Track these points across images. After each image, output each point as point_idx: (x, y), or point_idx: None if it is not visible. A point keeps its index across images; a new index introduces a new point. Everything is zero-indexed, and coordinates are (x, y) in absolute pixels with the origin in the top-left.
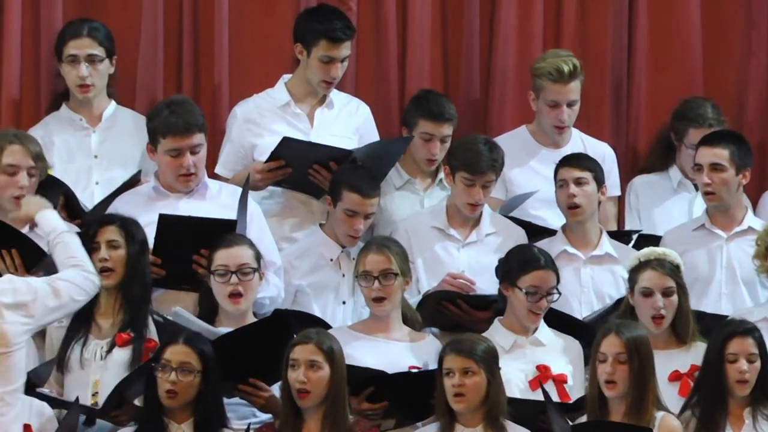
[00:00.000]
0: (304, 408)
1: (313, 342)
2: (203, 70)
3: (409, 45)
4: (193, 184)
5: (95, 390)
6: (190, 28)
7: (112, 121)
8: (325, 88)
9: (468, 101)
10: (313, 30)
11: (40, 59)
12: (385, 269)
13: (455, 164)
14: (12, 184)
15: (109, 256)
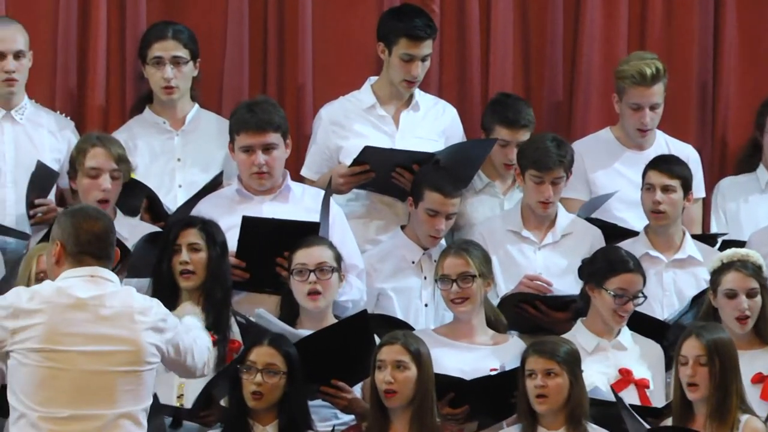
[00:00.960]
0: (391, 409)
1: (399, 343)
2: (288, 72)
3: (492, 47)
4: (267, 183)
5: (180, 392)
6: (274, 30)
7: (195, 123)
8: (406, 87)
9: (551, 103)
10: (394, 28)
11: (125, 63)
12: (463, 272)
13: (524, 163)
14: (95, 186)
15: (191, 258)
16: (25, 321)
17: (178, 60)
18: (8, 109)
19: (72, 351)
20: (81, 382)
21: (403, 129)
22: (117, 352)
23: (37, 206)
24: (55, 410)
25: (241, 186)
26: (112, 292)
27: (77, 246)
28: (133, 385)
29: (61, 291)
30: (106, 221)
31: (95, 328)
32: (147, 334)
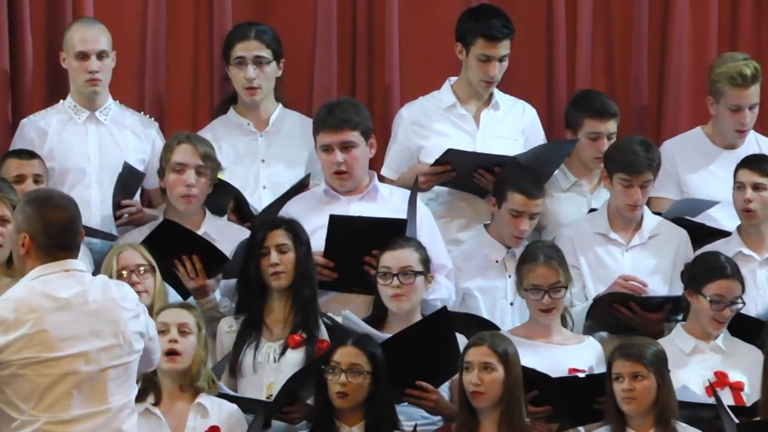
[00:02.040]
0: (479, 409)
1: (486, 344)
2: (377, 72)
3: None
4: (347, 183)
5: (269, 393)
6: (364, 30)
7: (279, 124)
8: (485, 87)
9: (636, 104)
10: (471, 29)
11: (212, 64)
12: (555, 283)
13: (612, 166)
14: (180, 182)
15: (280, 260)
16: (15, 333)
17: (261, 60)
18: (92, 110)
19: (68, 355)
20: (81, 383)
21: (484, 128)
22: (109, 346)
23: (124, 207)
24: (61, 413)
25: (328, 186)
26: (90, 285)
27: (47, 239)
28: (126, 375)
29: (44, 294)
30: (72, 208)
31: (85, 326)
32: (132, 323)
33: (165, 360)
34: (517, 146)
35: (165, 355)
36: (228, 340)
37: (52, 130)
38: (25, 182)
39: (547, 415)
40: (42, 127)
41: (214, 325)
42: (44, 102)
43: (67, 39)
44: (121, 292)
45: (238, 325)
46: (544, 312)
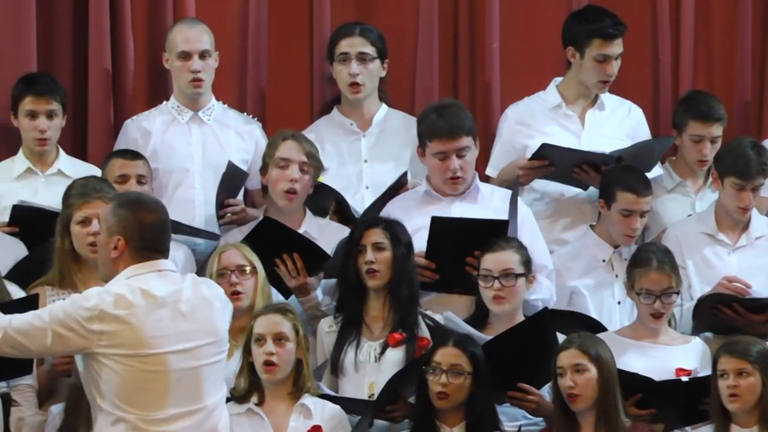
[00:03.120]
0: (577, 411)
1: (575, 346)
2: (478, 72)
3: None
4: (461, 187)
5: (371, 392)
6: (465, 31)
7: (383, 124)
8: (601, 87)
9: (739, 101)
10: (584, 31)
11: (312, 65)
12: (667, 288)
13: (723, 170)
14: (284, 177)
15: (375, 258)
16: (112, 326)
17: (365, 56)
18: (196, 110)
19: (163, 353)
20: (176, 382)
21: (589, 128)
22: (203, 345)
23: (227, 206)
24: (156, 412)
25: (430, 187)
26: (184, 285)
27: (141, 241)
28: (218, 373)
29: (141, 292)
30: (162, 211)
31: (180, 325)
32: (223, 320)
33: (263, 371)
34: (622, 147)
35: (262, 365)
36: (328, 339)
37: (155, 130)
38: (128, 182)
39: (652, 416)
40: (145, 127)
41: (315, 323)
42: (145, 103)
43: (169, 39)
44: (211, 291)
45: (338, 325)
46: (654, 316)
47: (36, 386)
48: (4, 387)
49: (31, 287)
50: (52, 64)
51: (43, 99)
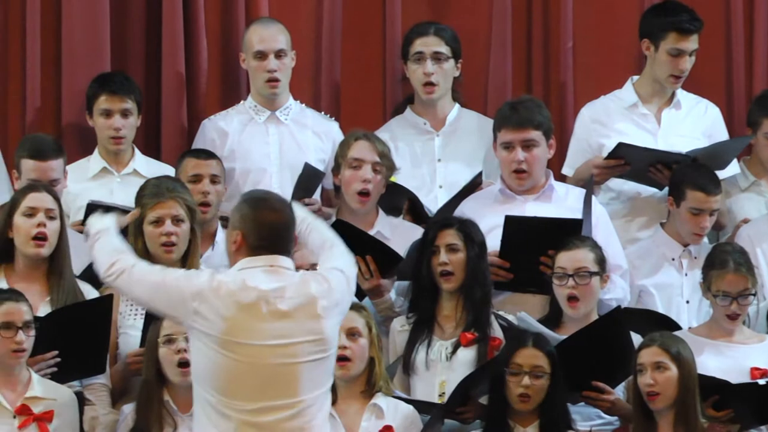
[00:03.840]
0: (656, 410)
1: (656, 344)
2: (552, 72)
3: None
4: (526, 182)
5: (442, 391)
6: (539, 30)
7: (456, 124)
8: (673, 83)
9: None
10: (660, 23)
11: (385, 64)
12: (744, 290)
13: None
14: (357, 178)
15: (449, 259)
16: (208, 310)
17: (439, 56)
18: (273, 109)
19: (256, 345)
20: (266, 376)
21: (665, 127)
22: (301, 343)
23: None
24: (242, 403)
25: (504, 186)
26: (291, 282)
27: (257, 239)
28: (319, 372)
29: (244, 284)
30: (287, 213)
31: (278, 321)
32: (331, 319)
33: (336, 367)
34: (699, 146)
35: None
36: (400, 339)
37: (232, 130)
38: (201, 182)
39: (730, 418)
40: (223, 127)
41: (389, 324)
42: (219, 104)
43: (245, 39)
44: (321, 288)
45: (410, 324)
46: (730, 318)
47: (109, 385)
48: (77, 386)
49: (104, 287)
50: (125, 64)
51: (117, 97)
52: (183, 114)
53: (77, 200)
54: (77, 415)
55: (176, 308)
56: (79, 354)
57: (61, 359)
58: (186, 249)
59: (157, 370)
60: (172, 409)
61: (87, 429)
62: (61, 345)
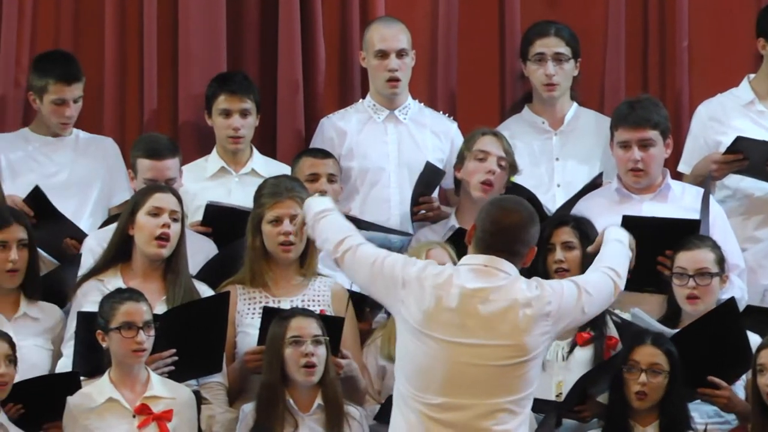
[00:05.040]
0: None
1: None
2: (668, 71)
3: None
4: (642, 181)
5: (559, 391)
6: (655, 30)
7: (574, 123)
8: None
9: None
10: None
11: (504, 62)
12: None
13: None
14: (481, 169)
15: (564, 257)
16: (411, 297)
17: (560, 57)
18: (392, 108)
19: (448, 341)
20: (455, 373)
21: None
22: (497, 346)
23: (423, 204)
24: (428, 396)
25: (621, 185)
26: (499, 285)
27: (482, 233)
28: (511, 377)
29: (449, 280)
30: (522, 215)
31: (475, 321)
32: (533, 327)
33: None
34: None
35: None
36: None
37: (351, 129)
38: (318, 181)
39: None
40: (341, 126)
41: None
42: (336, 104)
43: (366, 38)
44: (529, 295)
45: None
46: None
47: (226, 384)
48: (194, 385)
49: (221, 286)
50: (240, 64)
51: (236, 97)
52: (299, 113)
53: (195, 200)
54: (195, 414)
55: (388, 294)
56: (195, 353)
57: (178, 358)
58: (304, 249)
59: (280, 370)
60: (293, 408)
61: (204, 428)
62: (178, 344)
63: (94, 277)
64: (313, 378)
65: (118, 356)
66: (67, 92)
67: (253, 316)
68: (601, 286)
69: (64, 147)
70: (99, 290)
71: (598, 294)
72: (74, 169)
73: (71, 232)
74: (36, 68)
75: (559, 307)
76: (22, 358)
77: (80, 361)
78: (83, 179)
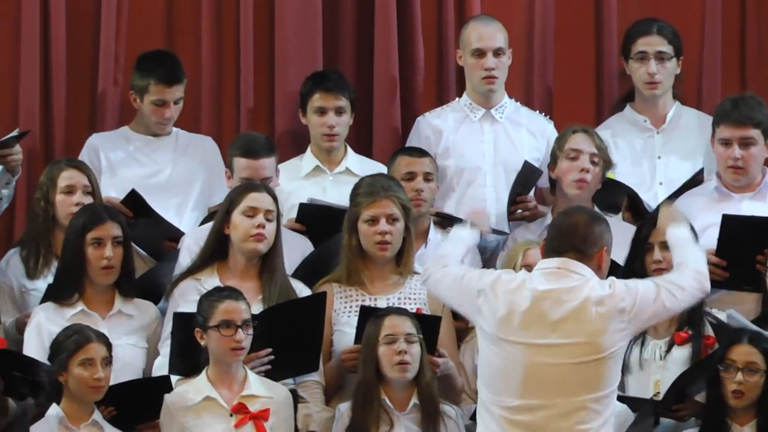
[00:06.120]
0: None
1: None
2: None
3: None
4: (741, 179)
5: (656, 390)
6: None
7: (676, 121)
8: None
9: None
10: None
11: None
12: None
13: None
14: (574, 167)
15: (663, 257)
16: (487, 305)
17: (663, 55)
18: (488, 107)
19: (523, 343)
20: (531, 374)
21: None
22: (571, 345)
23: (520, 203)
24: (507, 400)
25: (720, 183)
26: (571, 286)
27: (549, 240)
28: (589, 375)
29: (521, 284)
30: (583, 216)
31: (547, 321)
32: (607, 324)
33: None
34: None
35: None
36: None
37: (447, 128)
38: (414, 180)
39: None
40: (437, 125)
41: None
42: (433, 102)
43: (463, 36)
44: (602, 293)
45: None
46: None
47: (323, 383)
48: (291, 384)
49: (317, 285)
50: (336, 63)
51: (332, 95)
52: (396, 112)
53: (290, 198)
54: (292, 413)
55: (468, 306)
56: (292, 352)
57: (274, 357)
58: (401, 247)
59: (375, 369)
60: (388, 407)
61: (300, 427)
62: (274, 343)
63: (191, 276)
64: (407, 374)
65: (216, 355)
66: (167, 94)
67: (350, 315)
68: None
69: (164, 146)
70: (196, 290)
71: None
72: (175, 168)
73: (169, 232)
74: (138, 68)
75: (634, 303)
76: (116, 356)
77: (177, 360)
78: (183, 178)
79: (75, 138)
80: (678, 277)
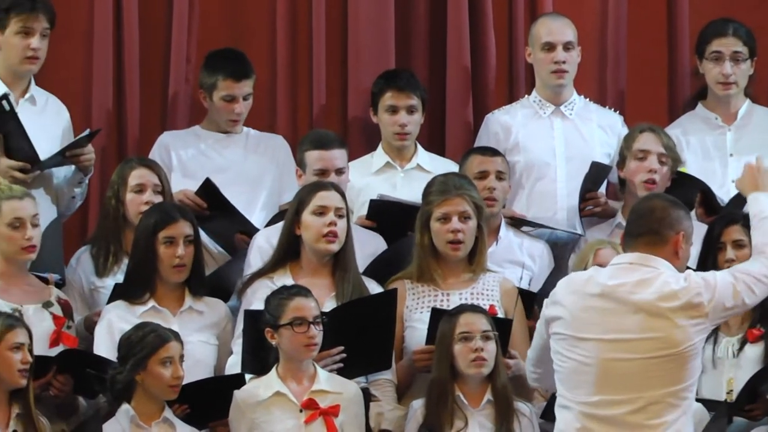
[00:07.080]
0: None
1: None
2: None
3: None
4: None
5: (729, 388)
6: None
7: (747, 118)
8: None
9: None
10: None
11: (676, 60)
12: None
13: None
14: (642, 168)
15: (736, 256)
16: (556, 310)
17: (738, 56)
18: (557, 104)
19: (593, 339)
20: (605, 369)
21: None
22: (644, 339)
23: (588, 200)
24: (583, 396)
25: None
26: (642, 279)
27: (626, 227)
28: (665, 369)
29: (590, 279)
30: (659, 200)
31: (617, 316)
32: (681, 318)
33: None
34: None
35: None
36: None
37: (516, 124)
38: (487, 178)
39: None
40: (506, 121)
41: None
42: (504, 99)
43: (533, 32)
44: (673, 288)
45: None
46: None
47: (395, 381)
48: (363, 382)
49: (389, 282)
50: (409, 61)
51: (404, 94)
52: (468, 110)
53: (361, 195)
54: (363, 410)
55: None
56: (364, 350)
57: (346, 355)
58: (473, 246)
59: (449, 366)
60: (462, 403)
61: (372, 425)
62: (346, 341)
63: (264, 276)
64: (483, 370)
65: (288, 352)
66: (236, 89)
67: (422, 311)
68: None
69: (234, 144)
70: (269, 288)
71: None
72: (244, 165)
73: (242, 225)
74: (206, 66)
75: (711, 297)
76: (187, 353)
77: (248, 359)
78: (253, 176)
79: (147, 137)
80: (756, 268)
